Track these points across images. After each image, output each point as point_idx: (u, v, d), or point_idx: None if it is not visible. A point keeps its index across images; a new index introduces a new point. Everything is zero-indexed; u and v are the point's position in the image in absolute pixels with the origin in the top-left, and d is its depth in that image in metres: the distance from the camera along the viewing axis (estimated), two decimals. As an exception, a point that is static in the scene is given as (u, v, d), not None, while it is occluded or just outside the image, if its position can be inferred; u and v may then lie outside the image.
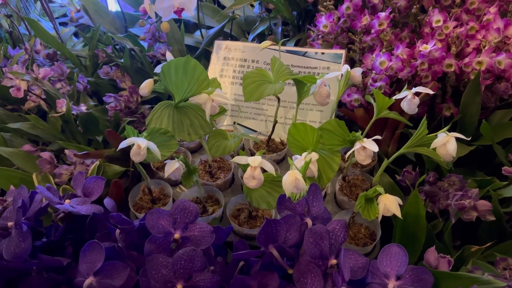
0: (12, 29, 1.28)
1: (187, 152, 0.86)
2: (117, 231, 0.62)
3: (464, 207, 0.62)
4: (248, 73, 0.73)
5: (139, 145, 0.59)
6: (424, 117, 0.66)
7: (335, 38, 0.99)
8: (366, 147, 0.61)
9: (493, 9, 0.90)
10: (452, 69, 0.85)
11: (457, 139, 0.62)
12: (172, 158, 0.65)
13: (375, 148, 0.61)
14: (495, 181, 0.74)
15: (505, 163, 0.78)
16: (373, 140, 0.63)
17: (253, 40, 1.16)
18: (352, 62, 0.98)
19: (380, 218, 0.60)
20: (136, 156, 0.60)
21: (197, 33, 1.28)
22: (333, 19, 0.97)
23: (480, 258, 0.65)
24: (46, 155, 0.77)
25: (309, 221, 0.60)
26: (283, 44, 1.05)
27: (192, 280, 0.55)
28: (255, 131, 0.90)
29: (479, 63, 0.83)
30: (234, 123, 0.91)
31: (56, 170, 0.76)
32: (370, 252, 0.71)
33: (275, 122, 0.81)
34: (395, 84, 0.90)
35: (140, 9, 0.90)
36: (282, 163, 0.86)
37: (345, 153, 0.85)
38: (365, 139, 0.63)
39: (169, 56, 0.80)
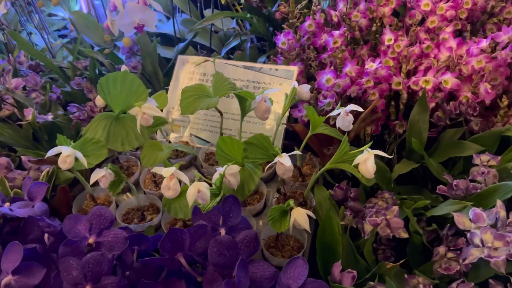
0: (7, 41, 1.36)
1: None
2: (46, 234, 0.65)
3: (376, 224, 0.62)
4: (187, 87, 0.76)
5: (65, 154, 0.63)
6: (345, 135, 0.68)
7: (297, 55, 1.01)
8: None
9: (449, 29, 0.91)
10: (401, 87, 0.86)
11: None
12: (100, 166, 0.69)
13: (287, 163, 0.63)
14: (425, 199, 0.75)
15: (444, 181, 0.78)
16: (301, 152, 0.65)
17: (226, 54, 1.20)
18: (310, 79, 1.00)
19: (290, 231, 0.62)
20: (63, 164, 0.64)
21: (180, 45, 1.32)
22: (294, 36, 1.00)
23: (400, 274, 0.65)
24: (3, 160, 0.82)
25: (222, 231, 0.62)
26: (244, 59, 1.08)
27: (101, 283, 0.58)
28: (209, 142, 0.93)
29: (426, 81, 0.84)
30: (191, 135, 0.94)
31: (9, 174, 0.81)
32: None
33: (221, 134, 0.84)
34: (347, 101, 0.91)
35: (104, 25, 0.95)
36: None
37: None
38: (283, 154, 0.65)
39: (124, 68, 0.85)
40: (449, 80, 0.83)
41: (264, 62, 1.14)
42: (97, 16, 1.45)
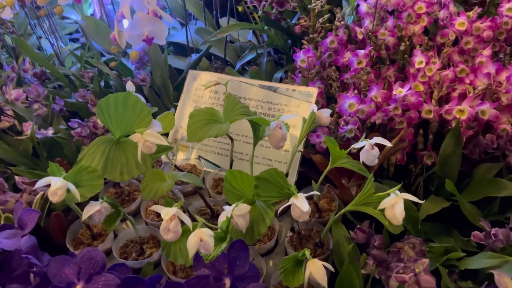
0: (16, 45, 1.30)
1: (179, 193, 0.80)
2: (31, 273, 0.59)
3: (404, 281, 0.55)
4: (196, 111, 0.69)
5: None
6: (371, 175, 0.60)
7: (317, 73, 0.93)
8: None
9: (486, 52, 0.82)
10: (431, 116, 0.78)
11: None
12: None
13: (305, 207, 0.55)
14: (455, 244, 0.67)
15: (480, 226, 0.69)
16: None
17: (241, 67, 1.13)
18: (331, 100, 0.92)
19: (305, 286, 0.54)
20: (53, 196, 0.57)
21: (193, 57, 1.25)
22: (314, 53, 0.92)
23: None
24: (-5, 180, 0.76)
25: (227, 282, 0.55)
26: (262, 77, 1.01)
27: (87, 338, 0.51)
28: (219, 166, 0.86)
29: (461, 111, 0.75)
30: (199, 157, 0.87)
31: (1, 196, 0.74)
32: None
33: (231, 160, 0.77)
34: (370, 128, 0.83)
35: (110, 36, 0.89)
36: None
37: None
38: (299, 195, 0.57)
39: (129, 86, 0.78)
40: (487, 111, 0.75)
41: (281, 78, 1.06)
42: (109, 22, 1.39)
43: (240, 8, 1.38)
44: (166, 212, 0.53)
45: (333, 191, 0.79)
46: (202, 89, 0.90)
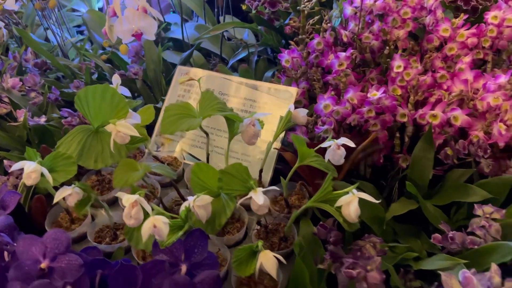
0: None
1: (156, 184, 0.84)
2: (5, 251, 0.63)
3: (352, 277, 0.56)
4: (171, 105, 0.72)
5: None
6: (329, 174, 0.62)
7: (303, 73, 0.95)
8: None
9: (467, 58, 0.83)
10: (405, 120, 0.79)
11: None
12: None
13: (260, 200, 0.58)
14: (421, 245, 0.68)
15: (440, 229, 0.70)
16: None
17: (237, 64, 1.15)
18: (314, 101, 0.94)
19: (256, 275, 0.57)
20: (27, 179, 0.61)
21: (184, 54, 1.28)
22: (300, 54, 0.94)
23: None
24: (-15, 163, 0.80)
25: (183, 268, 0.58)
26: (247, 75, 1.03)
27: (47, 312, 0.54)
28: (200, 160, 0.89)
29: (434, 116, 0.77)
30: (182, 150, 0.90)
31: (-12, 179, 0.79)
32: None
33: (207, 154, 0.79)
34: (347, 129, 0.85)
35: (102, 30, 0.92)
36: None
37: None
38: (258, 189, 0.60)
39: (115, 79, 0.81)
40: (459, 117, 0.76)
41: (271, 77, 1.09)
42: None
43: (244, 7, 1.40)
44: (127, 199, 0.56)
45: (306, 188, 0.80)
46: (189, 85, 0.93)
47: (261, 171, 0.79)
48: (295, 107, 0.74)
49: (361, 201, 0.71)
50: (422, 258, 0.68)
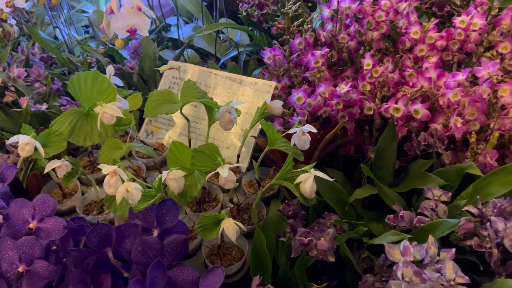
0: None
1: (142, 165, 0.92)
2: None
3: (303, 244, 0.63)
4: (155, 91, 0.79)
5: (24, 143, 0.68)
6: (290, 154, 0.69)
7: (285, 71, 1.02)
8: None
9: (433, 58, 0.90)
10: (371, 112, 0.86)
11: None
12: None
13: (225, 174, 0.65)
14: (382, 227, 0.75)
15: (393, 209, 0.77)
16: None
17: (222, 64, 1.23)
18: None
19: (219, 241, 0.64)
20: (22, 151, 0.69)
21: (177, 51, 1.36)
22: (282, 52, 1.01)
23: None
24: (-12, 143, 0.89)
25: (155, 233, 0.65)
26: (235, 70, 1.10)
27: (33, 265, 0.62)
28: (185, 147, 0.96)
29: (396, 110, 0.83)
30: (169, 138, 0.98)
31: (-9, 156, 0.87)
32: (237, 272, 0.74)
33: (189, 139, 0.86)
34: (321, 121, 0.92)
35: (100, 27, 1.01)
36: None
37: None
38: (225, 166, 0.67)
39: (109, 69, 0.89)
40: (420, 111, 0.82)
41: (258, 74, 1.16)
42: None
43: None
44: (107, 169, 0.63)
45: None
46: (177, 77, 1.01)
47: (238, 156, 0.86)
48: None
49: (327, 185, 0.78)
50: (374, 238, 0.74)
